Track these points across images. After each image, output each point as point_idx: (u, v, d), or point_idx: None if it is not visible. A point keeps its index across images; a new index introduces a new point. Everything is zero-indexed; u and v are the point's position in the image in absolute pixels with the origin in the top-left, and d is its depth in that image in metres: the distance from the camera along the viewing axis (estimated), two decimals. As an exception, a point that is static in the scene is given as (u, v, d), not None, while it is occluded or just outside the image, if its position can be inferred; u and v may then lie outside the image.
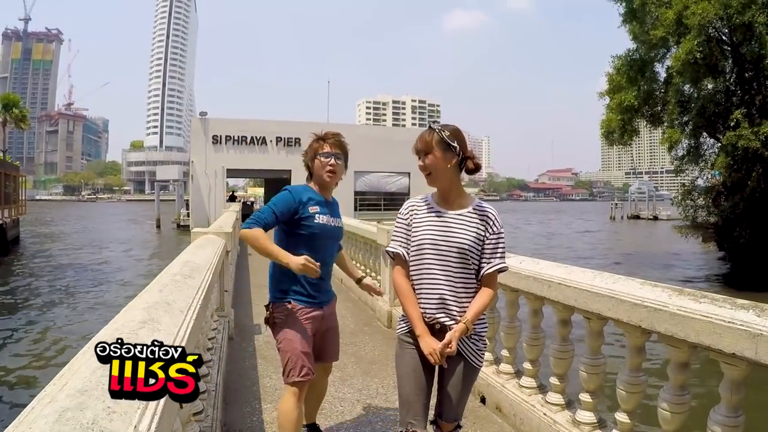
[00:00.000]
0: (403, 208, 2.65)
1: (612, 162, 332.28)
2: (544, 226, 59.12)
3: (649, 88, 22.98)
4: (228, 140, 35.10)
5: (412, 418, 2.45)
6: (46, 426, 1.10)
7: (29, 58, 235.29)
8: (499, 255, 2.48)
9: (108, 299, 16.95)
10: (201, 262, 3.89)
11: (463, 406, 2.60)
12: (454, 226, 2.47)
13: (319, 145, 3.13)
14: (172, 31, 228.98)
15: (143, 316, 2.02)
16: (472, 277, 2.48)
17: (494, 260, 2.47)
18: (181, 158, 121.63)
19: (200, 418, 3.02)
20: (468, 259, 2.44)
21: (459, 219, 2.48)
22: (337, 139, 3.18)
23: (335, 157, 3.11)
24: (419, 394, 2.48)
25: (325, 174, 3.11)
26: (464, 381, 2.52)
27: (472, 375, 2.55)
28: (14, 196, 33.54)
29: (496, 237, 2.48)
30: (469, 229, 2.46)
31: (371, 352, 5.74)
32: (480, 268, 2.49)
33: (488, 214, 2.51)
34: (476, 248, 2.46)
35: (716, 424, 2.40)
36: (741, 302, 2.35)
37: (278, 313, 3.01)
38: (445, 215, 2.50)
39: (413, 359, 2.50)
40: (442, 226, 2.48)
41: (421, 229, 2.51)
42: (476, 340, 2.51)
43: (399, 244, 2.58)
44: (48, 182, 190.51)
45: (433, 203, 2.56)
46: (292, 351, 2.92)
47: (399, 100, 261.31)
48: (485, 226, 2.49)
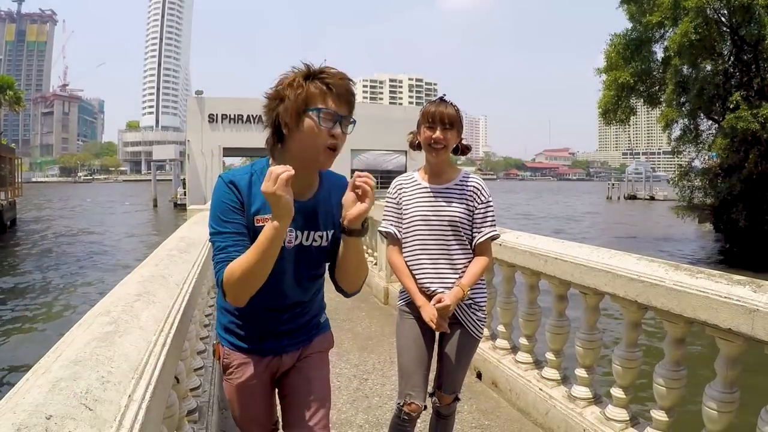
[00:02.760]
0: (391, 188, 2.66)
1: (609, 142, 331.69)
2: (541, 206, 59.11)
3: (646, 68, 22.86)
4: (224, 119, 34.95)
5: (411, 389, 2.47)
6: (39, 396, 1.09)
7: (23, 40, 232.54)
8: (489, 223, 2.51)
9: (103, 277, 16.97)
10: (197, 238, 3.88)
11: (462, 379, 2.63)
12: (444, 199, 2.50)
13: (318, 91, 1.69)
14: (167, 10, 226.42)
15: (139, 289, 2.01)
16: (465, 247, 2.51)
17: (485, 228, 2.50)
18: (178, 138, 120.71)
19: (197, 393, 3.03)
20: (459, 230, 2.48)
21: (447, 192, 2.52)
22: (347, 88, 1.75)
23: (344, 122, 1.75)
24: (419, 365, 2.50)
25: (322, 152, 1.72)
26: (464, 352, 2.55)
27: (471, 346, 2.57)
28: (10, 178, 33.49)
29: (484, 206, 2.51)
30: (458, 200, 2.50)
31: (368, 329, 5.76)
32: (472, 238, 2.52)
33: (474, 184, 2.54)
34: (467, 219, 2.49)
35: (711, 399, 2.41)
36: (737, 278, 2.35)
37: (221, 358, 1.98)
38: (434, 190, 2.53)
39: (413, 330, 2.53)
40: (432, 201, 2.51)
41: (411, 205, 2.54)
42: (476, 309, 2.53)
43: (390, 223, 2.61)
44: (44, 164, 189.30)
45: (419, 179, 2.59)
46: (234, 418, 2.04)
47: (396, 79, 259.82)
48: (473, 197, 2.51)
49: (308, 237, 1.85)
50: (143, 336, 1.54)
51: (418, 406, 2.45)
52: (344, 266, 1.89)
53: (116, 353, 1.36)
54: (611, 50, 23.46)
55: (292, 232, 1.80)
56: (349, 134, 1.79)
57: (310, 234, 1.85)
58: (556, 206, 58.37)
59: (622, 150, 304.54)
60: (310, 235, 1.85)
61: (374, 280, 7.35)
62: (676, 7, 19.14)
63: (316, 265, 1.92)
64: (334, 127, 1.70)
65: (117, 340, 1.45)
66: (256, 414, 2.00)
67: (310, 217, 1.84)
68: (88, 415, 1.05)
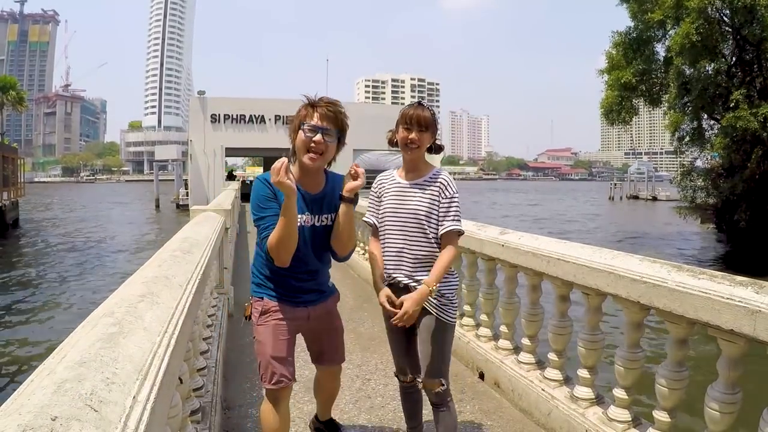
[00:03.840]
0: (374, 182, 2.89)
1: (611, 142, 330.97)
2: (539, 207, 59.03)
3: (647, 67, 22.84)
4: (227, 119, 34.91)
5: (398, 366, 2.93)
6: (44, 397, 1.09)
7: (26, 40, 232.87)
8: (451, 217, 2.64)
9: (105, 279, 17.00)
10: (200, 239, 3.88)
11: (440, 364, 2.72)
12: (410, 195, 2.69)
13: (307, 113, 2.48)
14: (170, 10, 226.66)
15: (142, 290, 2.02)
16: (429, 240, 2.66)
17: (446, 222, 2.64)
18: (180, 138, 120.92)
19: (200, 393, 3.05)
20: (423, 223, 2.65)
21: (415, 188, 2.70)
22: (331, 108, 2.49)
23: (323, 132, 2.45)
24: (398, 348, 2.90)
25: (305, 156, 2.47)
26: (434, 336, 2.67)
27: (442, 330, 2.69)
28: (13, 178, 33.53)
29: (448, 201, 2.65)
30: (423, 196, 2.66)
31: (370, 329, 5.77)
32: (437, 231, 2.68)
33: (441, 180, 2.68)
34: (432, 213, 2.65)
35: (714, 400, 2.41)
36: (740, 279, 2.35)
37: (254, 309, 2.65)
38: (404, 185, 2.73)
39: (389, 322, 2.79)
40: (400, 196, 2.72)
41: (386, 200, 2.77)
42: (438, 296, 2.65)
43: (372, 215, 2.87)
44: (46, 164, 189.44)
45: (397, 176, 2.80)
46: (263, 355, 2.58)
47: (398, 79, 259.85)
48: (439, 192, 2.66)
49: (318, 219, 2.62)
50: (147, 337, 1.55)
51: (405, 379, 2.89)
52: (338, 232, 2.63)
53: (121, 354, 1.37)
54: (613, 49, 23.47)
55: (308, 216, 2.56)
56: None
57: (319, 217, 2.62)
58: (557, 204, 58.29)
59: (625, 150, 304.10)
60: (320, 217, 2.62)
61: (376, 281, 7.34)
62: (678, 7, 19.11)
63: (324, 238, 2.65)
64: (315, 136, 2.44)
65: (121, 341, 1.46)
66: (283, 353, 2.58)
67: (319, 205, 2.62)
68: (93, 416, 1.05)
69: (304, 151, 2.46)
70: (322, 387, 3.10)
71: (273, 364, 2.55)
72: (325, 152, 2.49)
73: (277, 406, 2.61)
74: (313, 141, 2.43)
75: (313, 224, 2.60)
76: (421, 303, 2.58)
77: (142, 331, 1.58)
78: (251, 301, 2.68)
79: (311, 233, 2.60)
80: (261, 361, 2.60)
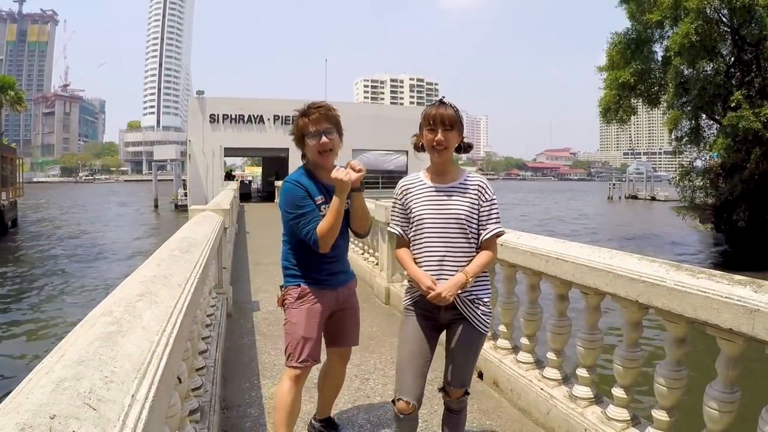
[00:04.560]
0: (396, 189, 2.75)
1: (610, 142, 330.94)
2: (534, 207, 59.05)
3: (646, 67, 22.85)
4: (225, 119, 34.96)
5: (401, 387, 2.55)
6: (43, 395, 1.09)
7: (24, 40, 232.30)
8: (493, 220, 2.58)
9: (103, 278, 17.00)
10: (199, 238, 3.88)
11: (470, 373, 2.67)
12: (449, 197, 2.57)
13: (304, 124, 2.82)
14: (169, 10, 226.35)
15: (141, 289, 2.02)
16: (471, 243, 2.56)
17: (490, 225, 2.57)
18: (179, 138, 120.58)
19: (199, 393, 3.04)
20: (465, 228, 2.54)
21: (453, 191, 2.59)
22: (321, 112, 2.82)
23: (324, 134, 2.80)
24: (411, 361, 2.57)
25: (318, 156, 2.83)
26: (470, 346, 2.60)
27: (477, 340, 2.61)
28: (11, 178, 33.52)
29: (489, 204, 2.59)
30: (464, 199, 2.57)
31: (369, 329, 5.76)
32: (478, 235, 2.58)
33: (479, 182, 2.62)
34: (472, 216, 2.56)
35: (712, 399, 2.41)
36: (738, 278, 2.35)
37: (288, 295, 2.90)
38: (439, 188, 2.61)
39: (413, 328, 2.61)
40: (438, 200, 2.58)
41: (419, 205, 2.61)
42: (479, 304, 2.58)
43: (397, 224, 2.71)
44: (45, 164, 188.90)
45: (425, 179, 2.67)
46: (294, 335, 2.84)
47: (397, 79, 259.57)
48: (478, 195, 2.58)
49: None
50: (146, 336, 1.55)
51: (406, 405, 2.51)
52: (355, 214, 2.96)
53: (119, 353, 1.37)
54: (612, 49, 23.48)
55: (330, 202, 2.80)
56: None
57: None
58: (555, 205, 58.34)
59: (624, 150, 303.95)
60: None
61: (375, 281, 7.35)
62: (677, 7, 19.13)
63: (344, 223, 2.88)
64: (320, 139, 2.79)
65: (120, 340, 1.46)
66: (314, 334, 2.85)
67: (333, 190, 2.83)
68: (91, 414, 1.05)
69: (317, 154, 2.81)
70: (332, 376, 3.22)
71: (303, 343, 2.81)
72: (334, 148, 2.85)
73: (296, 386, 2.84)
74: (321, 144, 2.78)
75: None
76: (457, 290, 2.46)
77: (140, 330, 1.58)
78: (284, 291, 2.95)
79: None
80: (290, 341, 2.85)
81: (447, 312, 2.58)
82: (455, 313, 2.57)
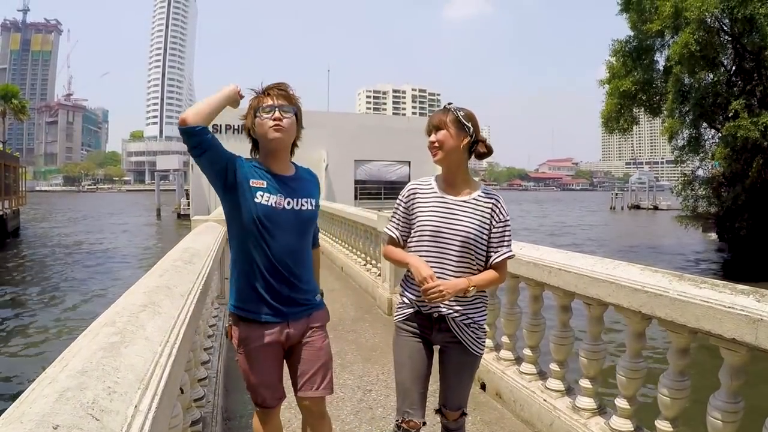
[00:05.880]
0: (404, 190, 2.55)
1: (612, 152, 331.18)
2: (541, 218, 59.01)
3: (648, 77, 22.88)
4: (228, 129, 35.00)
5: (409, 407, 2.42)
6: (46, 405, 1.09)
7: (28, 49, 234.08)
8: (506, 243, 2.42)
9: (105, 287, 17.00)
10: (201, 249, 3.89)
11: (466, 394, 2.57)
12: (459, 214, 2.38)
13: (258, 100, 2.34)
14: (172, 20, 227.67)
15: (144, 300, 2.02)
16: (472, 266, 2.39)
17: (502, 249, 2.40)
18: (181, 148, 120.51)
19: (201, 404, 3.04)
20: (470, 248, 2.35)
21: (464, 206, 2.39)
22: (281, 89, 2.35)
23: (280, 109, 2.29)
24: (415, 381, 2.44)
25: (269, 130, 2.27)
26: (465, 369, 2.50)
27: (473, 363, 2.51)
28: (14, 187, 33.62)
29: (502, 225, 2.41)
30: (474, 217, 2.37)
31: (372, 339, 5.75)
32: (488, 256, 2.41)
33: (495, 201, 2.42)
34: (480, 237, 2.37)
35: (716, 409, 2.40)
36: (741, 288, 2.35)
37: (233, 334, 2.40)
38: (449, 201, 2.41)
39: (409, 346, 2.46)
40: (446, 213, 2.39)
41: (424, 214, 2.42)
42: (475, 328, 2.44)
43: (395, 227, 2.54)
44: (48, 173, 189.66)
45: (437, 188, 2.46)
46: (246, 380, 2.42)
47: (399, 89, 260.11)
48: (491, 214, 2.40)
49: (298, 203, 2.35)
50: (149, 347, 1.55)
51: (416, 424, 2.42)
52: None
53: (122, 364, 1.37)
54: (613, 57, 23.53)
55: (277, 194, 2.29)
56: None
57: (298, 200, 2.35)
58: (563, 216, 58.29)
59: (626, 159, 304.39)
60: (299, 201, 2.35)
61: (378, 291, 7.35)
62: (677, 17, 19.17)
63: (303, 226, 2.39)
64: (273, 113, 2.28)
65: (123, 350, 1.46)
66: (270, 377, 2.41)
67: (294, 186, 2.37)
68: (94, 425, 1.06)
69: (267, 129, 2.28)
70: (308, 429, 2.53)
71: (257, 389, 2.41)
72: (288, 127, 2.31)
73: (267, 425, 2.49)
74: (273, 117, 2.27)
75: (293, 208, 2.33)
76: (457, 292, 2.28)
77: (143, 341, 1.58)
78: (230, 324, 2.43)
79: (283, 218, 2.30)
80: (246, 385, 2.44)
81: (441, 333, 2.43)
82: (449, 335, 2.41)
